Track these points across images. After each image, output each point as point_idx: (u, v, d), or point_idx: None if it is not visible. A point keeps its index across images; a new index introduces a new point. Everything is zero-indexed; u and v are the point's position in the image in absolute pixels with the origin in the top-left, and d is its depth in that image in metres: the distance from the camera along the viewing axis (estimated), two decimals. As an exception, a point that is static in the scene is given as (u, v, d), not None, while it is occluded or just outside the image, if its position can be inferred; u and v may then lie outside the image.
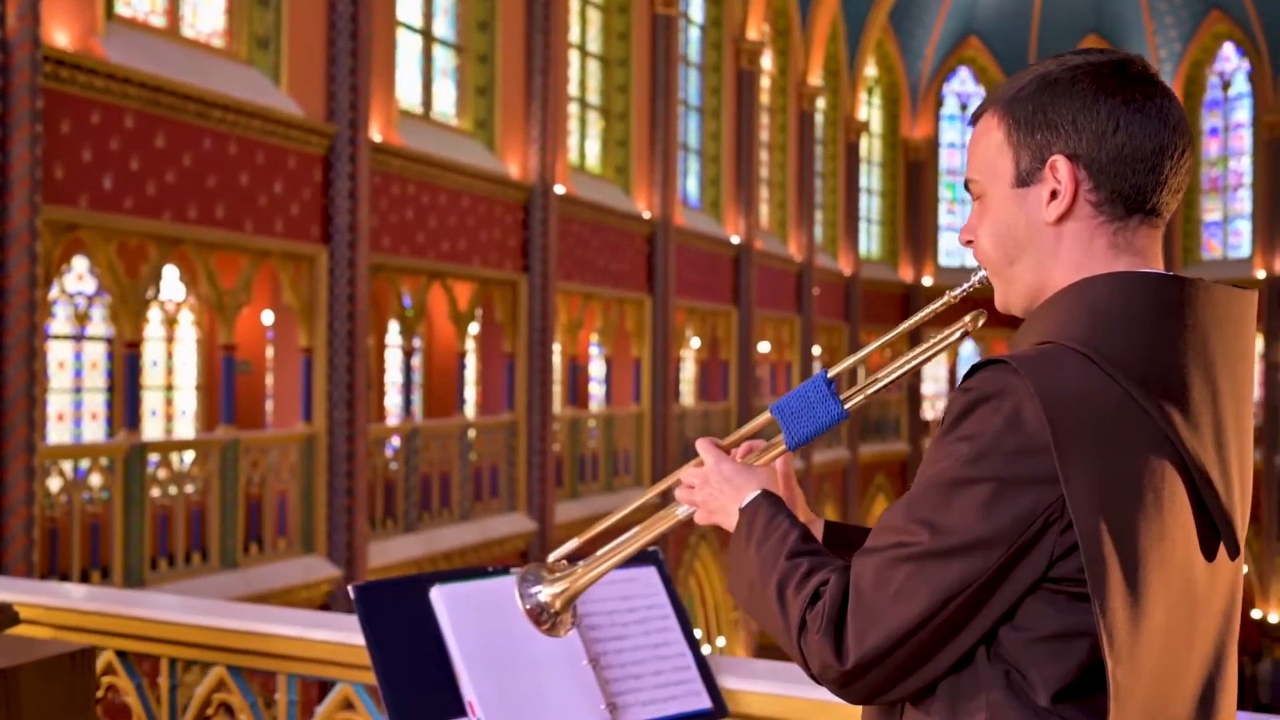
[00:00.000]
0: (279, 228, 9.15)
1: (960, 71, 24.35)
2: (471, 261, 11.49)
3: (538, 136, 12.26)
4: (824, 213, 21.53)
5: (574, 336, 13.53)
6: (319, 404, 9.54)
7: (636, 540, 1.50)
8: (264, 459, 9.14)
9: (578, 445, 13.35)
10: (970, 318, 1.36)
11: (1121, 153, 1.18)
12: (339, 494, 9.61)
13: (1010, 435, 1.10)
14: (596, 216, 13.60)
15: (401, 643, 1.80)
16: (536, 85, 12.26)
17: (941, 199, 24.71)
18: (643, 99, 14.80)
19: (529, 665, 1.84)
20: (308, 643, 2.46)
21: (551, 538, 12.34)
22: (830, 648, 1.15)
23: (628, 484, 14.41)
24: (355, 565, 9.65)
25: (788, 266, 19.33)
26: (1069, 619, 1.11)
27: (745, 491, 1.36)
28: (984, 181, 1.27)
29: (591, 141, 14.48)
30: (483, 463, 11.75)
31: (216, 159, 8.62)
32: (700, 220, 16.61)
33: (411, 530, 10.65)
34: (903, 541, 1.14)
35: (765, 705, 2.06)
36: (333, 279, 9.58)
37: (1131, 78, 1.19)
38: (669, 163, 14.95)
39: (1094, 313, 1.16)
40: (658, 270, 14.81)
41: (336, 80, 9.61)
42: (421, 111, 11.34)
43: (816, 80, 20.13)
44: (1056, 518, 1.10)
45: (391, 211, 10.41)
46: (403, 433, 10.81)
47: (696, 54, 16.98)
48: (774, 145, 19.53)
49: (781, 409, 1.39)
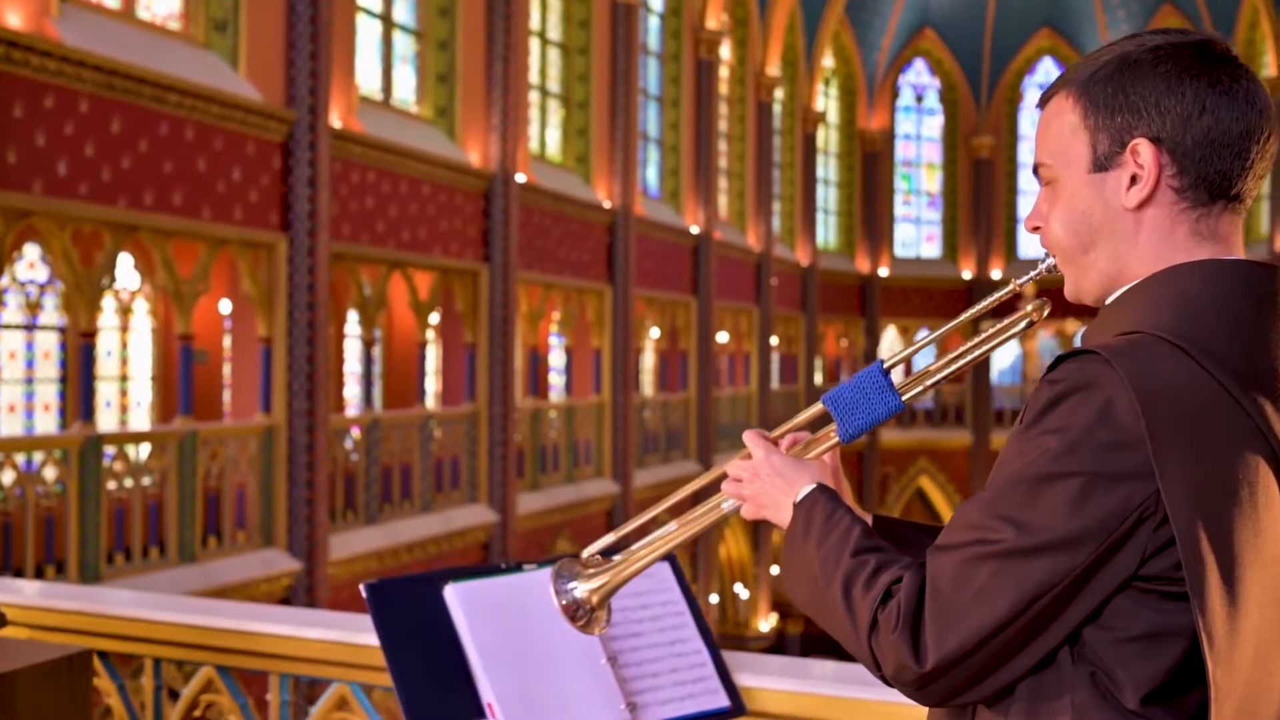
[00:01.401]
0: (237, 215, 8.98)
1: (916, 63, 24.48)
2: (432, 251, 11.36)
3: (498, 124, 12.14)
4: (782, 203, 21.57)
5: (534, 327, 13.44)
6: (278, 395, 9.38)
7: (678, 535, 1.45)
8: (222, 451, 8.98)
9: (538, 436, 13.27)
10: (1034, 306, 1.31)
11: (1207, 137, 1.14)
12: (299, 486, 9.47)
13: (1102, 429, 1.06)
14: (557, 206, 13.51)
15: (416, 643, 1.74)
16: (497, 73, 12.13)
17: (897, 190, 24.86)
18: (603, 88, 14.72)
19: (547, 664, 1.78)
20: (301, 641, 2.38)
21: (513, 529, 12.27)
22: (908, 648, 1.11)
23: (588, 474, 14.36)
24: (316, 558, 9.52)
25: (746, 257, 19.35)
26: (1160, 618, 1.08)
27: (798, 485, 1.31)
28: (1056, 166, 1.22)
29: (552, 130, 14.38)
30: (444, 454, 11.64)
31: (173, 144, 8.44)
32: (660, 210, 16.57)
33: (372, 522, 10.53)
34: (984, 539, 1.10)
35: (782, 702, 2.02)
36: (292, 267, 9.42)
37: (1216, 59, 1.15)
38: (629, 152, 14.89)
39: (1184, 301, 1.12)
40: (618, 260, 14.75)
41: (296, 65, 9.43)
42: (381, 98, 11.18)
43: (774, 71, 20.14)
44: (1150, 514, 1.06)
45: (351, 199, 10.26)
46: (363, 424, 10.67)
47: (656, 43, 16.92)
48: (732, 135, 19.52)
49: (835, 400, 1.35)
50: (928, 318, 24.49)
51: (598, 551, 1.54)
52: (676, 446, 16.82)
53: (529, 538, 12.85)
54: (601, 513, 14.49)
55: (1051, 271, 1.29)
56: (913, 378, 1.37)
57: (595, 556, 1.53)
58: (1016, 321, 1.32)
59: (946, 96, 24.52)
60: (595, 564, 1.51)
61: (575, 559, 1.53)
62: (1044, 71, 24.19)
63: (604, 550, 1.54)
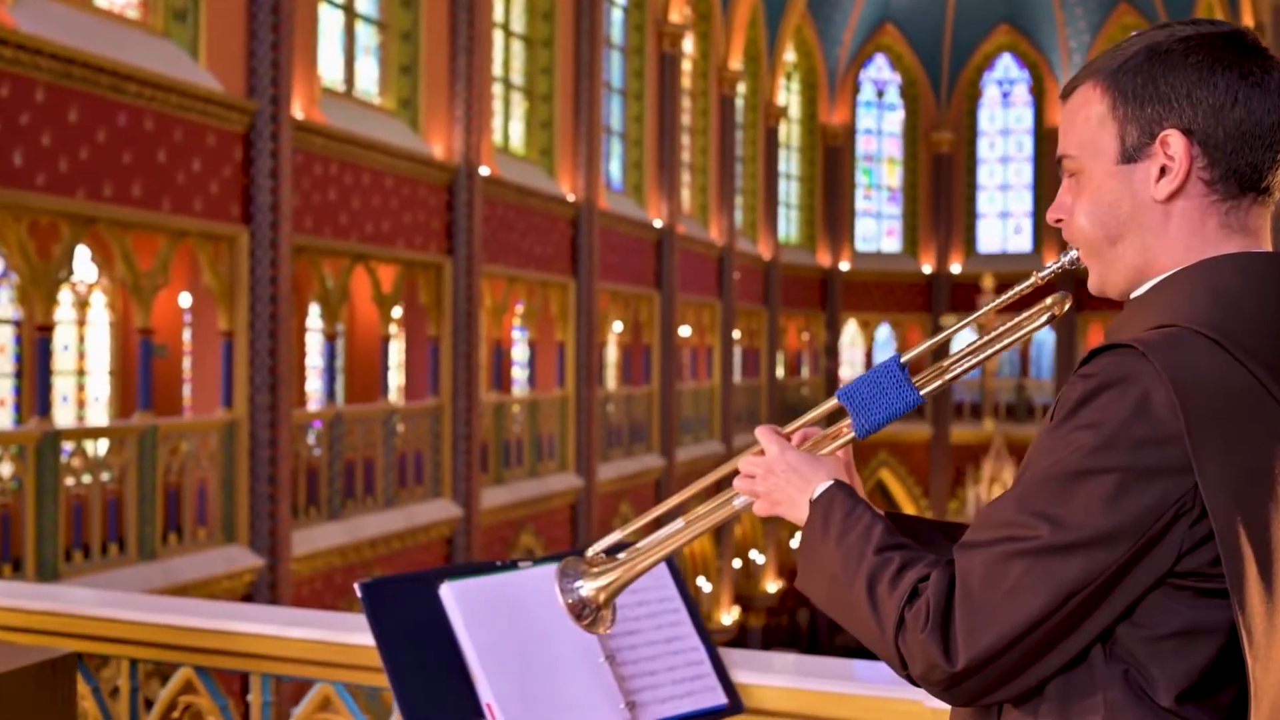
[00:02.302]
0: (198, 207, 8.85)
1: (877, 58, 24.59)
2: (395, 244, 11.26)
3: (462, 117, 12.05)
4: (744, 197, 21.60)
5: (498, 320, 13.37)
6: (240, 389, 9.26)
7: (686, 533, 1.43)
8: (183, 446, 8.85)
9: (502, 430, 13.21)
10: (1054, 300, 1.30)
11: (1240, 128, 1.13)
12: (261, 481, 9.35)
13: (1138, 423, 1.05)
14: (521, 199, 13.44)
15: (413, 643, 1.70)
16: (461, 64, 12.04)
17: (858, 185, 24.96)
18: (566, 80, 14.65)
19: (546, 664, 1.75)
20: (284, 641, 2.33)
21: (477, 524, 12.20)
22: (938, 648, 1.09)
23: (552, 469, 14.31)
24: (278, 554, 9.42)
25: (709, 251, 19.35)
26: (1195, 615, 1.07)
27: (815, 482, 1.29)
28: (1082, 157, 1.20)
29: (515, 123, 14.29)
30: (407, 448, 11.55)
31: (132, 135, 8.29)
32: (623, 204, 16.53)
33: (335, 518, 10.43)
34: (1016, 536, 1.08)
35: (779, 699, 2.00)
36: (254, 260, 9.30)
37: (1248, 50, 1.14)
38: (593, 145, 14.83)
39: (1219, 294, 1.11)
40: (582, 253, 14.70)
41: (257, 55, 9.30)
42: (344, 89, 11.06)
43: (737, 65, 20.15)
44: (1186, 510, 1.05)
45: (314, 191, 10.14)
46: (326, 418, 10.56)
47: (619, 36, 16.87)
48: (695, 129, 19.52)
49: (850, 395, 1.32)
50: (888, 312, 24.64)
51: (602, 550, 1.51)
52: (640, 440, 16.80)
53: (493, 532, 12.79)
54: (565, 507, 14.45)
55: (1074, 265, 1.27)
56: (930, 372, 1.35)
57: (600, 555, 1.50)
58: (1037, 315, 1.30)
59: (907, 92, 24.66)
60: (600, 562, 1.49)
61: (580, 557, 1.50)
62: (1003, 68, 24.39)
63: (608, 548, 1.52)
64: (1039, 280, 1.29)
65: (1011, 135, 24.59)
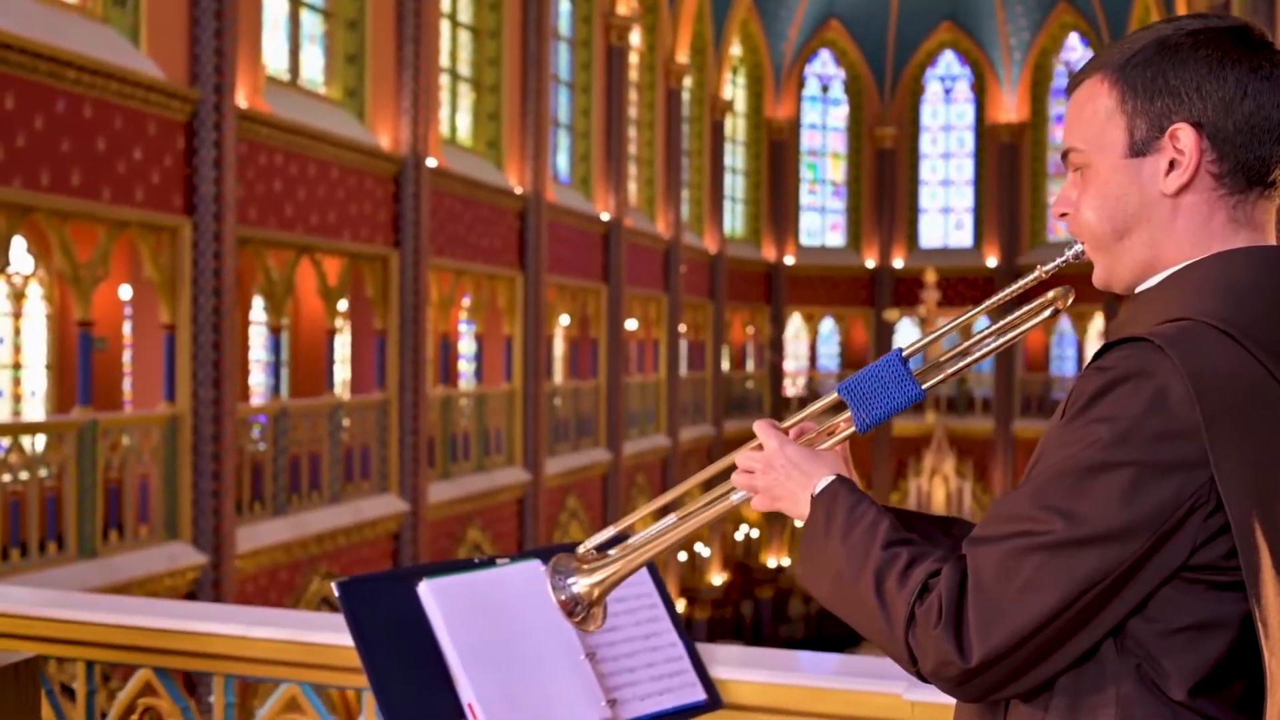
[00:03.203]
0: (139, 197, 8.66)
1: (822, 53, 24.72)
2: (341, 235, 11.12)
3: (409, 108, 11.92)
4: (690, 191, 21.62)
5: (445, 313, 13.26)
6: (183, 383, 9.09)
7: (681, 528, 1.41)
8: (124, 441, 8.67)
9: (449, 424, 13.11)
10: (1057, 294, 1.29)
11: (1249, 122, 1.13)
12: (204, 477, 9.19)
13: (1154, 417, 1.05)
14: (468, 191, 13.33)
15: (392, 643, 1.66)
16: (408, 54, 11.91)
17: (803, 179, 25.09)
18: (514, 72, 14.55)
19: (527, 662, 1.73)
20: (248, 641, 2.28)
21: (424, 518, 12.10)
22: (951, 643, 1.08)
23: (499, 463, 14.23)
24: (223, 551, 9.27)
25: (655, 244, 19.35)
26: (1207, 609, 1.07)
27: (816, 477, 1.28)
28: (1089, 151, 1.20)
29: (462, 114, 14.18)
30: (353, 443, 11.42)
31: (71, 123, 8.09)
32: (571, 197, 16.47)
33: (281, 514, 10.28)
34: (1030, 530, 1.07)
35: (757, 694, 1.99)
36: (197, 252, 9.13)
37: (1255, 45, 1.15)
38: (540, 138, 14.75)
39: (1231, 287, 1.11)
40: (529, 247, 14.62)
41: (200, 42, 9.12)
42: (289, 78, 10.89)
43: (683, 58, 20.15)
44: (1202, 503, 1.05)
45: (258, 182, 9.98)
46: (271, 413, 10.41)
47: (566, 28, 16.79)
48: (642, 122, 19.49)
49: (851, 389, 1.31)
50: (832, 305, 24.82)
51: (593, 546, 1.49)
52: (587, 434, 16.77)
53: (440, 527, 12.70)
54: (513, 501, 14.38)
55: (1079, 259, 1.26)
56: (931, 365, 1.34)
57: (591, 551, 1.48)
58: (1040, 309, 1.29)
59: (851, 87, 24.82)
60: (591, 559, 1.47)
61: (571, 554, 1.48)
62: (945, 64, 24.63)
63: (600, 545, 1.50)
64: (1043, 274, 1.28)
65: (953, 131, 24.86)
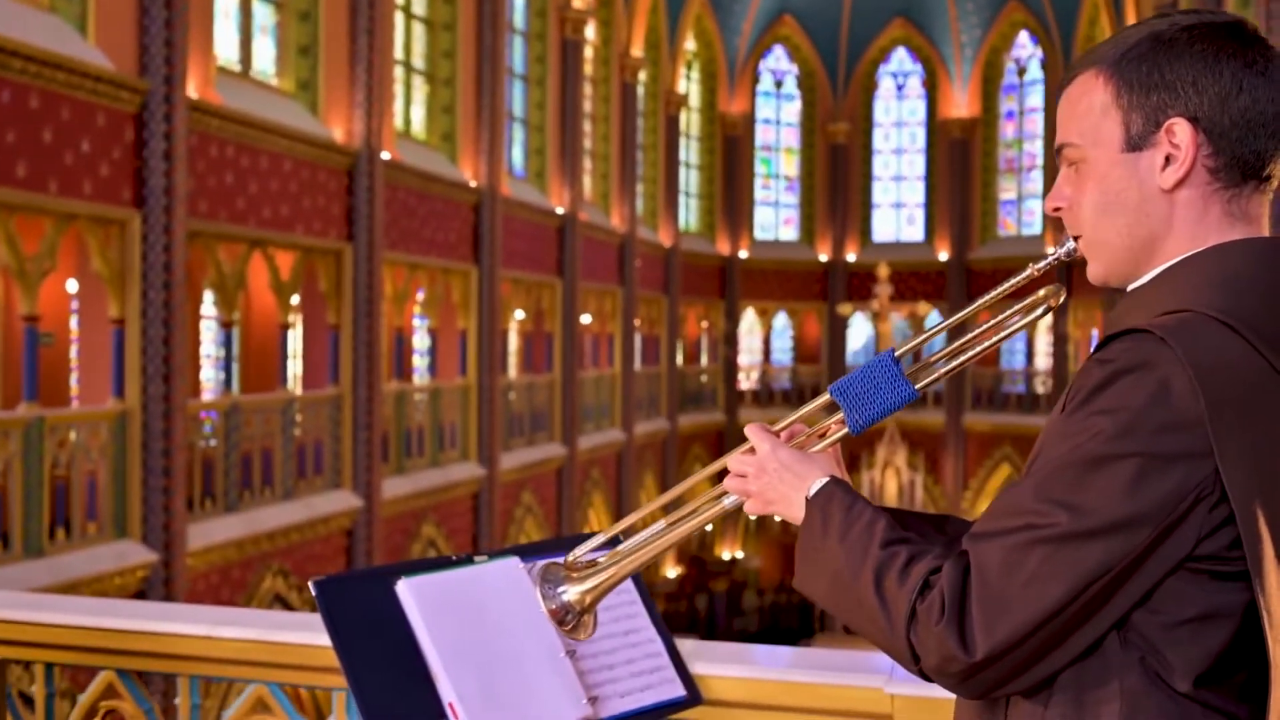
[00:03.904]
0: (87, 189, 8.50)
1: (775, 49, 24.80)
2: (294, 229, 10.98)
3: (363, 100, 11.80)
4: (645, 185, 21.62)
5: (399, 308, 13.15)
6: (132, 378, 8.94)
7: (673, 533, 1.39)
8: (71, 437, 8.51)
9: (403, 419, 13.01)
10: (1049, 292, 1.29)
11: (1244, 117, 1.13)
12: (154, 474, 9.05)
13: (1158, 409, 1.05)
14: (423, 185, 13.23)
15: (371, 643, 1.63)
16: (361, 46, 11.78)
17: (757, 174, 25.18)
18: (469, 65, 14.45)
19: (508, 661, 1.70)
20: (213, 641, 2.24)
21: (378, 514, 12.00)
22: (955, 639, 1.08)
23: (454, 458, 14.15)
24: (173, 549, 9.13)
25: (610, 238, 19.32)
26: (1211, 599, 1.07)
27: (810, 480, 1.27)
28: (1084, 146, 1.20)
29: (416, 107, 14.06)
30: (306, 438, 11.30)
31: (16, 113, 7.92)
32: (525, 190, 16.40)
33: (232, 510, 10.15)
34: (1034, 524, 1.07)
35: (736, 690, 1.99)
36: (146, 245, 8.97)
37: (1250, 40, 1.15)
38: (495, 131, 14.67)
39: (1231, 280, 1.12)
40: (484, 240, 14.53)
41: (149, 32, 8.96)
42: (240, 69, 10.74)
43: (638, 52, 20.13)
44: (1206, 494, 1.05)
45: (209, 174, 9.83)
46: (222, 408, 10.27)
47: (521, 21, 16.71)
48: (597, 116, 19.45)
49: (843, 390, 1.31)
50: (786, 300, 24.93)
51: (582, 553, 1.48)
52: (542, 429, 16.72)
53: (394, 523, 12.60)
54: (468, 496, 14.31)
55: (1072, 255, 1.26)
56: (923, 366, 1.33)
57: (579, 559, 1.47)
58: (1032, 307, 1.29)
59: (805, 83, 24.93)
60: (581, 566, 1.46)
61: (559, 562, 1.47)
62: (898, 61, 24.81)
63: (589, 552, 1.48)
64: (1035, 271, 1.27)
65: (905, 127, 25.05)
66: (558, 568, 1.44)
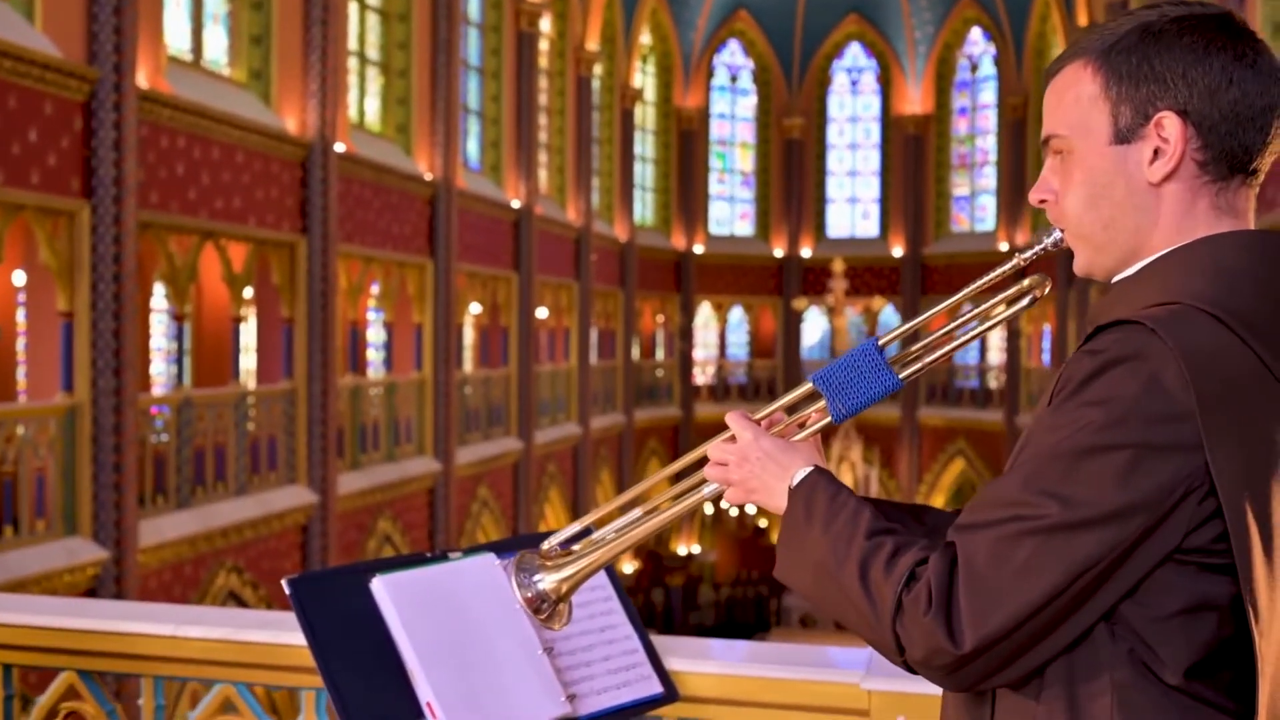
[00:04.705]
0: (34, 180, 8.33)
1: (730, 43, 24.83)
2: (247, 221, 10.84)
3: (316, 91, 11.66)
4: (600, 179, 21.57)
5: (354, 301, 13.02)
6: (81, 373, 8.78)
7: (650, 522, 1.38)
8: (18, 433, 8.35)
9: (358, 414, 12.89)
10: (1034, 282, 1.29)
11: (1233, 110, 1.13)
12: (105, 470, 8.90)
13: (1150, 400, 1.05)
14: (377, 177, 13.10)
15: (347, 641, 1.61)
16: (315, 36, 11.64)
17: (712, 169, 25.20)
18: (424, 56, 14.33)
19: (485, 659, 1.68)
20: (179, 641, 2.20)
21: (333, 510, 11.89)
22: (942, 630, 1.07)
23: (410, 453, 14.05)
24: (124, 546, 8.98)
25: (566, 232, 19.27)
26: (1198, 592, 1.07)
27: (793, 469, 1.26)
28: (1072, 137, 1.19)
29: (371, 99, 13.92)
30: (260, 434, 11.17)
31: (-39, 101, 7.75)
32: (481, 183, 16.30)
33: (185, 506, 10.01)
34: (1023, 515, 1.07)
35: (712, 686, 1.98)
36: (96, 237, 8.82)
37: (1239, 32, 1.15)
38: (450, 123, 14.56)
39: (1221, 272, 1.11)
40: (439, 234, 14.43)
41: (98, 20, 8.80)
42: (191, 59, 10.57)
43: (594, 46, 20.07)
44: (1196, 487, 1.05)
45: (160, 165, 9.67)
46: (173, 403, 10.12)
47: (477, 13, 16.59)
48: (552, 109, 19.38)
49: (826, 379, 1.30)
50: (741, 294, 25.00)
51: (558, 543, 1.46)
52: (498, 423, 16.64)
53: (349, 519, 12.49)
54: (423, 491, 14.21)
55: (1057, 246, 1.26)
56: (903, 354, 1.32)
57: (555, 548, 1.45)
58: (1017, 297, 1.29)
59: (760, 77, 24.99)
60: (555, 555, 1.44)
61: (534, 551, 1.45)
62: (851, 56, 24.93)
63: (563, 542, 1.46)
64: (1021, 262, 1.27)
65: (860, 122, 25.18)
66: (533, 556, 1.43)
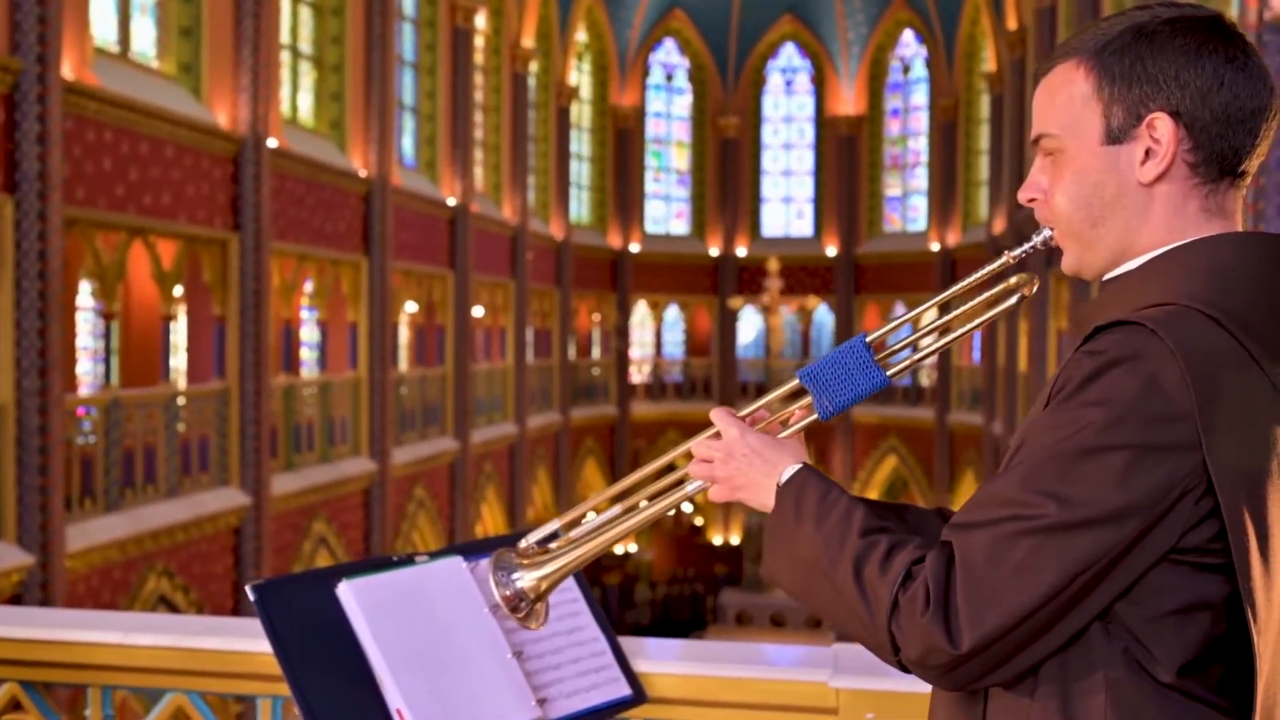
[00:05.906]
0: (-45, 174, 8.08)
1: (666, 42, 24.86)
2: (177, 217, 10.61)
3: (248, 85, 11.45)
4: (536, 177, 21.47)
5: (287, 299, 12.82)
6: (5, 372, 8.53)
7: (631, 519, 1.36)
8: (-60, 435, 8.09)
9: (292, 414, 12.69)
10: (1021, 280, 1.29)
11: (1225, 112, 1.14)
12: (30, 472, 8.65)
13: (1149, 400, 1.05)
14: (311, 173, 12.91)
15: (313, 647, 1.57)
16: (246, 29, 11.43)
17: (648, 167, 25.21)
18: (357, 51, 14.15)
19: (455, 663, 1.65)
20: (128, 649, 2.13)
21: (267, 511, 11.69)
22: (940, 630, 1.06)
23: (345, 453, 13.86)
24: (50, 550, 8.75)
25: (502, 230, 19.15)
26: (1193, 591, 1.08)
27: (780, 466, 1.25)
28: (1063, 137, 1.19)
29: (304, 94, 13.71)
30: (191, 434, 10.94)
31: (-123, 92, 7.48)
32: (416, 181, 16.14)
33: (114, 509, 9.78)
34: (1020, 514, 1.07)
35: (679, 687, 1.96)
36: (20, 233, 8.57)
37: (1230, 35, 1.16)
38: (385, 120, 14.39)
39: (1217, 273, 1.12)
40: (374, 231, 14.26)
41: (21, 9, 8.55)
42: (118, 50, 10.32)
43: (529, 43, 19.97)
44: (1194, 486, 1.06)
45: (86, 159, 9.42)
46: (101, 403, 9.87)
47: (411, 8, 16.42)
48: (488, 107, 19.25)
49: (813, 376, 1.28)
50: (677, 293, 25.05)
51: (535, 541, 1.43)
52: (434, 423, 16.49)
53: (284, 520, 12.29)
54: (359, 492, 14.04)
55: (1047, 245, 1.26)
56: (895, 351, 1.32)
57: (532, 546, 1.42)
58: (1004, 295, 1.29)
59: (695, 76, 25.05)
60: (533, 553, 1.41)
61: (512, 549, 1.42)
62: (786, 56, 25.09)
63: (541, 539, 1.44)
64: (1010, 259, 1.27)
65: (794, 122, 25.35)
66: (511, 554, 1.40)
